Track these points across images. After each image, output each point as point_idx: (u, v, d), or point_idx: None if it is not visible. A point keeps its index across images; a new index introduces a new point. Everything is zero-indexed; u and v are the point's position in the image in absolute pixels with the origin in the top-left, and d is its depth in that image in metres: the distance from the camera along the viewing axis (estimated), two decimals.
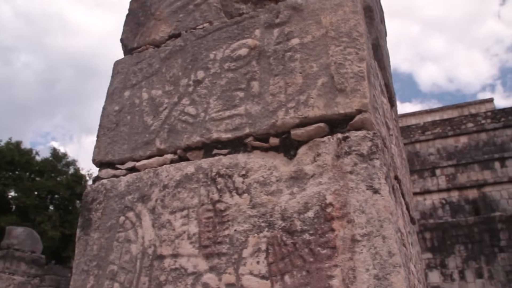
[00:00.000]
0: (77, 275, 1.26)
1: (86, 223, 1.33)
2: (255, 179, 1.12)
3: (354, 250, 0.93)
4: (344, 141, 1.05)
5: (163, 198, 1.22)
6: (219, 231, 1.09)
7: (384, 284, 0.88)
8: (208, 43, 1.41)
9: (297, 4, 1.31)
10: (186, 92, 1.36)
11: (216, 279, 1.04)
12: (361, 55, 1.14)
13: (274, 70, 1.23)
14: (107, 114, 1.51)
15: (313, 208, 1.02)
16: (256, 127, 1.18)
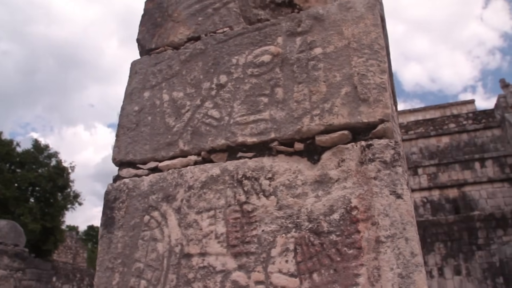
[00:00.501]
0: (101, 272, 1.30)
1: (109, 222, 1.37)
2: (281, 182, 1.19)
3: (379, 250, 1.01)
4: (368, 148, 1.13)
5: (189, 198, 1.27)
6: (247, 231, 1.15)
7: (408, 282, 0.96)
8: (229, 48, 1.46)
9: (319, 14, 1.38)
10: (209, 96, 1.41)
11: (245, 277, 1.10)
12: (383, 67, 1.21)
13: (297, 77, 1.30)
14: (126, 114, 1.54)
15: (338, 211, 1.09)
16: (281, 132, 1.24)
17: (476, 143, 13.50)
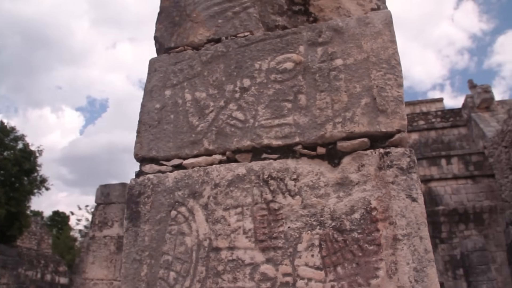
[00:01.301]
0: (129, 263, 1.38)
1: (134, 216, 1.44)
2: (305, 183, 1.30)
3: (396, 247, 1.15)
4: (386, 155, 1.26)
5: (216, 195, 1.37)
6: (274, 227, 1.27)
7: (422, 275, 1.11)
8: (252, 53, 1.56)
9: (338, 27, 1.49)
10: (232, 98, 1.50)
11: (273, 269, 1.22)
12: (399, 81, 1.35)
13: (320, 86, 1.41)
14: (147, 111, 1.61)
15: (359, 211, 1.22)
16: (305, 137, 1.36)
17: (443, 140, 14.14)
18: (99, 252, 5.93)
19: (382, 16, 1.46)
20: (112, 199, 6.19)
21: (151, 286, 1.32)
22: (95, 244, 6.00)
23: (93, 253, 5.95)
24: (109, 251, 5.91)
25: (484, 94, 13.53)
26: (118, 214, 6.09)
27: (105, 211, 6.16)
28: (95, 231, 6.09)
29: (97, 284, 5.77)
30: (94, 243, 6.01)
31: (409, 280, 1.11)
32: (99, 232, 6.05)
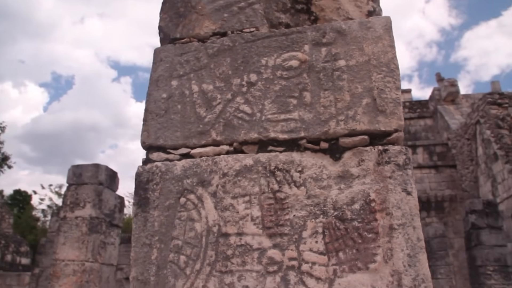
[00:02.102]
0: (138, 247, 1.46)
1: (143, 202, 1.52)
2: (309, 175, 1.42)
3: (392, 235, 1.30)
4: (385, 152, 1.39)
5: (224, 184, 1.46)
6: (280, 215, 1.38)
7: (414, 261, 1.26)
8: (258, 49, 1.64)
9: (341, 29, 1.60)
10: (239, 91, 1.58)
11: (280, 254, 1.34)
12: (397, 84, 1.48)
13: (324, 85, 1.52)
14: (154, 100, 1.67)
15: (358, 202, 1.36)
16: (309, 132, 1.47)
17: (410, 130, 14.72)
18: (71, 233, 5.88)
19: (383, 22, 1.58)
20: (84, 180, 6.12)
21: (161, 269, 1.41)
22: (66, 225, 5.94)
23: (64, 234, 5.90)
24: (81, 232, 5.87)
25: (450, 88, 14.15)
26: (91, 195, 6.05)
27: (77, 191, 6.09)
28: (66, 212, 6.02)
29: (68, 265, 5.75)
30: (65, 224, 5.95)
31: (403, 264, 1.26)
32: (71, 213, 5.99)
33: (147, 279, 1.41)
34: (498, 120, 10.82)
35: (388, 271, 1.26)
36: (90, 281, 5.73)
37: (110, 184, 6.32)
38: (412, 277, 1.25)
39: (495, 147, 10.71)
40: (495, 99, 11.29)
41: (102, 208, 6.08)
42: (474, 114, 11.93)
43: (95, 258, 5.85)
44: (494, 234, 6.87)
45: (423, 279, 1.24)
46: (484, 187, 11.22)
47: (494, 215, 7.04)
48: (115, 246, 6.36)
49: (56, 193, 25.53)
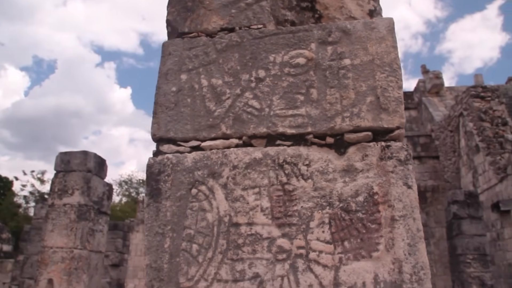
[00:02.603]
0: (152, 236, 1.53)
1: (155, 192, 1.58)
2: (316, 168, 1.51)
3: (394, 226, 1.40)
4: (387, 148, 1.49)
5: (234, 176, 1.54)
6: (289, 206, 1.47)
7: (414, 249, 1.37)
8: (266, 46, 1.70)
9: (346, 29, 1.67)
10: (248, 87, 1.65)
11: (288, 243, 1.43)
12: (399, 84, 1.57)
13: (330, 82, 1.60)
14: (163, 93, 1.72)
15: (362, 195, 1.45)
16: (316, 127, 1.55)
17: None
18: (59, 220, 5.88)
19: (386, 23, 1.66)
20: (72, 167, 6.10)
21: (174, 257, 1.49)
22: (54, 212, 5.94)
23: (52, 221, 5.89)
24: (70, 220, 5.88)
25: (435, 80, 14.43)
26: (79, 183, 6.04)
27: (65, 179, 6.07)
28: (54, 199, 6.01)
29: (57, 252, 5.76)
30: (54, 211, 5.94)
31: (403, 253, 1.37)
32: (59, 200, 5.98)
33: (160, 267, 1.48)
34: (481, 113, 11.13)
35: (390, 259, 1.37)
36: (78, 268, 5.76)
37: (98, 171, 6.32)
38: (412, 265, 1.35)
39: (477, 140, 11.03)
40: (478, 92, 11.59)
41: (91, 196, 6.09)
42: (458, 107, 12.23)
43: (84, 245, 5.88)
44: (474, 224, 7.15)
45: (422, 267, 1.35)
46: (466, 178, 11.59)
47: (475, 206, 7.32)
48: (103, 233, 6.39)
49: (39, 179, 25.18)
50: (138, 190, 29.10)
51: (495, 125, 10.80)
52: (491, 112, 11.10)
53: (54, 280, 5.65)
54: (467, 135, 11.71)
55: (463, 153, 11.83)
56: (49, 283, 5.67)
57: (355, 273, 1.37)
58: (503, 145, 10.30)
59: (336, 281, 1.36)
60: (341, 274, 1.37)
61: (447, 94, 14.62)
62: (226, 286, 1.41)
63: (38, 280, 5.68)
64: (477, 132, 11.17)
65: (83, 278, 5.78)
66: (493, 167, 10.17)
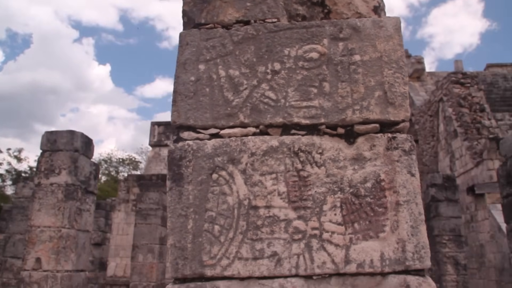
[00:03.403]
0: (175, 218, 1.66)
1: (177, 177, 1.70)
2: (328, 156, 1.66)
3: (398, 210, 1.57)
4: (393, 139, 1.65)
5: (253, 163, 1.67)
6: (304, 191, 1.62)
7: (416, 231, 1.55)
8: (280, 39, 1.82)
9: (357, 26, 1.80)
10: (264, 79, 1.77)
11: (304, 224, 1.59)
12: (405, 80, 1.72)
13: (341, 77, 1.74)
14: (182, 82, 1.82)
15: (370, 181, 1.62)
16: (328, 119, 1.69)
17: None
18: (46, 199, 5.91)
19: (393, 22, 1.80)
20: (59, 146, 6.10)
21: (197, 237, 1.63)
22: (41, 192, 5.95)
23: (39, 201, 5.91)
24: (57, 199, 5.91)
25: (416, 65, 14.77)
26: (66, 162, 6.05)
27: (52, 158, 6.07)
28: (41, 178, 6.01)
29: (44, 231, 5.81)
30: (40, 191, 5.95)
31: (407, 234, 1.55)
32: (46, 179, 5.99)
33: (184, 246, 1.62)
34: (460, 99, 11.54)
35: (395, 239, 1.55)
36: (66, 247, 5.84)
37: (85, 151, 6.34)
38: (414, 244, 1.54)
39: (455, 125, 11.46)
40: (458, 78, 11.97)
41: (78, 175, 6.12)
42: (438, 92, 12.61)
43: (72, 225, 5.94)
44: (451, 207, 7.55)
45: (423, 246, 1.54)
46: (443, 162, 12.07)
47: (452, 189, 7.71)
48: (90, 212, 6.46)
49: (15, 157, 24.62)
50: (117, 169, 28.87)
51: (473, 111, 11.23)
52: (470, 98, 11.52)
53: (42, 259, 5.73)
54: (446, 120, 12.13)
55: (442, 138, 12.28)
56: (37, 262, 5.74)
57: (364, 251, 1.54)
58: (480, 131, 10.76)
59: (347, 258, 1.54)
60: (351, 253, 1.54)
61: (428, 79, 15.01)
62: (247, 264, 1.57)
63: (26, 259, 5.73)
64: (455, 118, 11.60)
65: (71, 257, 5.87)
66: (470, 152, 10.63)
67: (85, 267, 6.28)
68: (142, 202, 8.64)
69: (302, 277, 1.55)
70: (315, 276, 1.54)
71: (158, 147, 19.63)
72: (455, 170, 11.27)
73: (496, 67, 18.79)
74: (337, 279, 1.54)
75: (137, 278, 8.41)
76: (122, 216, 14.34)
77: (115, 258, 13.84)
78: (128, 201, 14.40)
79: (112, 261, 13.60)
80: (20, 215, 8.02)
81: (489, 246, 9.52)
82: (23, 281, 5.63)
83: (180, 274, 1.60)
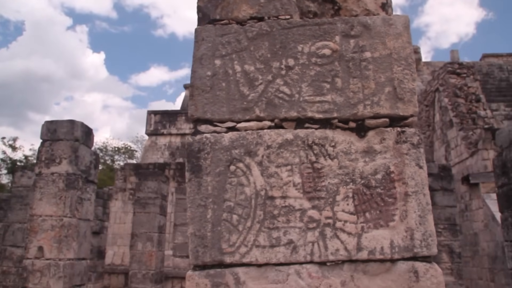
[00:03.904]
0: (194, 208, 1.74)
1: (196, 168, 1.79)
2: (341, 149, 1.75)
3: (407, 200, 1.67)
4: (402, 133, 1.74)
5: (269, 155, 1.76)
6: (318, 182, 1.72)
7: (423, 220, 1.65)
8: (294, 36, 1.90)
9: (367, 23, 1.88)
10: (279, 74, 1.85)
11: (318, 214, 1.68)
12: (414, 77, 1.81)
13: (352, 73, 1.82)
14: (199, 77, 1.90)
15: (381, 173, 1.71)
16: (340, 113, 1.78)
17: None
18: (47, 189, 5.97)
19: (403, 20, 1.88)
20: (59, 136, 6.14)
21: (216, 226, 1.72)
22: (42, 181, 6.01)
23: (40, 190, 5.98)
24: (58, 188, 5.97)
25: None
26: (67, 152, 6.10)
27: (52, 147, 6.12)
28: (41, 168, 6.06)
29: (46, 220, 5.89)
30: (41, 180, 6.01)
31: (415, 223, 1.65)
32: (46, 169, 6.05)
33: (204, 235, 1.71)
34: (456, 89, 11.67)
35: (403, 228, 1.65)
36: (68, 235, 5.93)
37: (85, 140, 6.39)
38: (421, 233, 1.64)
39: (451, 115, 11.62)
40: (454, 68, 12.09)
41: (79, 165, 6.19)
42: (434, 82, 12.73)
43: (73, 214, 6.02)
44: (446, 196, 7.72)
45: (430, 234, 1.64)
46: (439, 151, 12.25)
47: (448, 179, 7.87)
48: (91, 201, 6.53)
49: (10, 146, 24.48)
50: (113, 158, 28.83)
51: (469, 101, 11.38)
52: (466, 88, 11.66)
53: (45, 248, 5.81)
54: (442, 110, 12.28)
55: (437, 128, 12.45)
56: (39, 250, 5.82)
57: (375, 239, 1.64)
58: (476, 121, 10.92)
59: (359, 246, 1.64)
60: (363, 240, 1.65)
61: (424, 69, 15.12)
62: (264, 251, 1.67)
63: (28, 247, 5.82)
64: (451, 108, 11.75)
65: (73, 245, 5.96)
66: (465, 142, 10.81)
67: (86, 256, 6.38)
68: (140, 191, 8.72)
69: (316, 263, 1.65)
70: (329, 263, 1.65)
71: (154, 136, 19.66)
72: (450, 160, 11.46)
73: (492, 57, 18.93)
74: (349, 265, 1.64)
75: (137, 266, 8.53)
76: (119, 205, 14.42)
77: (112, 247, 13.96)
78: (125, 190, 14.49)
79: (110, 250, 13.72)
80: (19, 204, 8.07)
81: (482, 234, 9.75)
82: (26, 269, 5.72)
83: (200, 261, 1.69)
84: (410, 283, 1.61)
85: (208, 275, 1.68)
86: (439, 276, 1.61)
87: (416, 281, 1.61)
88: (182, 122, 19.87)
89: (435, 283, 1.60)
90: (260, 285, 1.65)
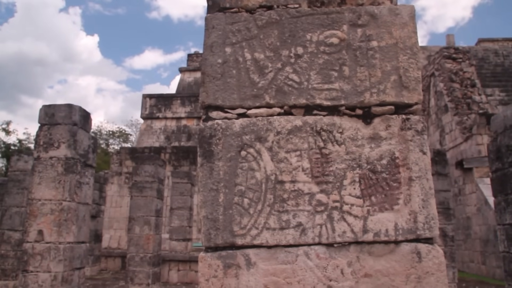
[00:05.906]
0: (206, 192, 1.82)
1: (208, 154, 1.86)
2: (348, 136, 1.83)
3: (411, 185, 1.76)
4: (407, 120, 1.82)
5: (278, 141, 1.84)
6: (326, 167, 1.80)
7: (426, 204, 1.74)
8: (303, 25, 1.95)
9: (374, 13, 1.94)
10: (288, 62, 1.91)
11: (325, 197, 1.77)
12: (419, 65, 1.88)
13: (360, 61, 1.89)
14: (210, 64, 1.95)
15: (386, 158, 1.80)
16: (348, 100, 1.85)
17: None
18: (46, 173, 6.01)
19: (408, 10, 1.94)
20: (57, 120, 6.15)
21: (227, 209, 1.80)
22: (40, 165, 6.05)
23: (39, 174, 6.02)
24: (57, 172, 6.02)
25: None
26: (65, 136, 6.12)
27: (50, 132, 6.13)
28: (40, 152, 6.09)
29: (45, 204, 5.95)
30: (40, 164, 6.05)
31: (418, 206, 1.74)
32: (45, 153, 6.08)
33: (216, 218, 1.79)
34: (452, 74, 11.77)
35: (407, 211, 1.74)
36: (68, 219, 6.00)
37: (83, 124, 6.42)
38: (424, 216, 1.74)
39: (446, 100, 11.74)
40: (450, 53, 12.16)
41: (77, 149, 6.22)
42: (430, 67, 12.81)
43: (72, 198, 6.08)
44: (441, 180, 7.88)
45: (432, 217, 1.74)
46: (433, 136, 12.41)
47: (443, 163, 8.02)
48: (89, 185, 6.59)
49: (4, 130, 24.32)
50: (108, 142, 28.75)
51: (464, 86, 11.49)
52: (461, 73, 11.75)
53: (44, 231, 5.89)
54: (437, 95, 12.40)
55: (432, 112, 12.58)
56: (39, 234, 5.90)
57: (380, 222, 1.74)
58: (470, 106, 11.06)
59: (365, 228, 1.73)
60: (368, 223, 1.74)
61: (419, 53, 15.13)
62: (274, 233, 1.75)
63: (28, 231, 5.89)
64: (446, 93, 11.86)
65: (72, 229, 6.04)
66: (460, 127, 10.96)
67: (85, 239, 6.47)
68: (137, 175, 8.78)
69: (324, 245, 1.74)
70: (336, 244, 1.74)
71: (150, 120, 19.62)
72: (445, 145, 11.63)
73: (488, 42, 19.01)
74: (355, 246, 1.74)
75: (134, 250, 8.65)
76: (115, 188, 14.49)
77: (109, 230, 14.08)
78: (121, 174, 14.54)
79: (106, 233, 13.85)
80: (16, 188, 8.11)
81: (475, 218, 9.98)
82: (26, 252, 5.80)
83: (213, 243, 1.78)
84: (413, 264, 1.71)
85: (220, 256, 1.76)
86: (440, 257, 1.72)
87: (419, 262, 1.71)
88: (178, 106, 19.82)
89: (436, 264, 1.71)
90: (270, 265, 1.74)
